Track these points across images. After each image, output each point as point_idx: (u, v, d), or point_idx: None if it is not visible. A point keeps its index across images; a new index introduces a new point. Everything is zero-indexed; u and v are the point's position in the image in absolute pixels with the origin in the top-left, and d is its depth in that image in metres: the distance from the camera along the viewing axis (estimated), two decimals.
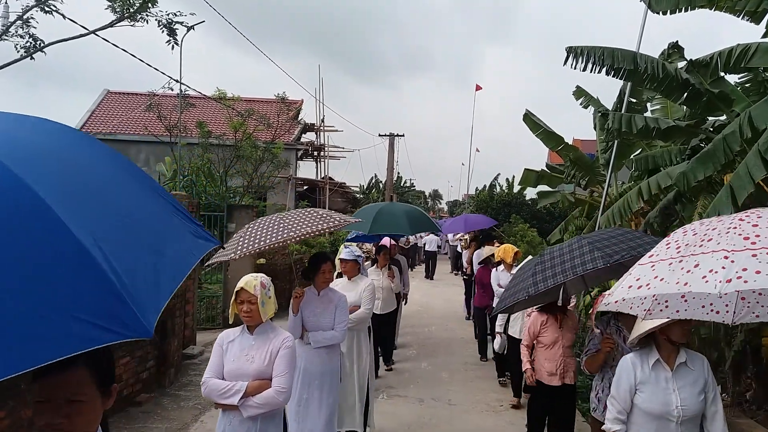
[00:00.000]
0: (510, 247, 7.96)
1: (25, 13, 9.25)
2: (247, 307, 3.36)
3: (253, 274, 3.47)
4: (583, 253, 3.78)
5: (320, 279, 4.74)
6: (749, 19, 5.68)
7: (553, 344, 4.75)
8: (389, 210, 8.16)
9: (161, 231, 1.67)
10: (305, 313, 4.71)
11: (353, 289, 5.63)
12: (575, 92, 10.27)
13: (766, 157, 4.22)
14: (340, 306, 4.75)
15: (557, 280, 3.72)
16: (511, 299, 4.20)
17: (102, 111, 24.42)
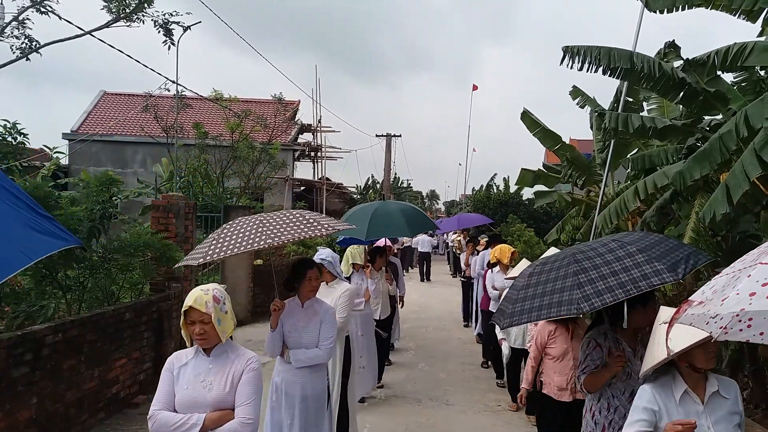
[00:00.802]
0: (506, 248, 7.68)
1: (20, 14, 9.24)
2: (200, 328, 2.81)
3: (203, 286, 2.91)
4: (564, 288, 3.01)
5: (305, 288, 4.20)
6: (745, 17, 5.69)
7: (563, 356, 4.39)
8: (385, 210, 7.55)
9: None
10: (286, 327, 4.18)
11: (329, 295, 5.17)
12: (572, 92, 10.29)
13: (762, 156, 4.23)
14: (327, 320, 4.22)
15: (529, 318, 3.13)
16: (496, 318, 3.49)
17: (98, 112, 24.38)
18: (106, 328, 6.17)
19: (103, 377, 6.08)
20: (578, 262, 3.06)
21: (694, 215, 5.73)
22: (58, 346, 5.31)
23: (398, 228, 7.55)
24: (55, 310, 6.46)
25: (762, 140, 4.28)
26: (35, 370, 4.98)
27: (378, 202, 7.91)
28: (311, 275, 4.23)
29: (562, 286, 2.99)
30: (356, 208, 8.14)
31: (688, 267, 2.91)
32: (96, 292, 7.03)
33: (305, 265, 4.28)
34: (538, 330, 4.58)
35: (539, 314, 3.03)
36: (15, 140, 7.89)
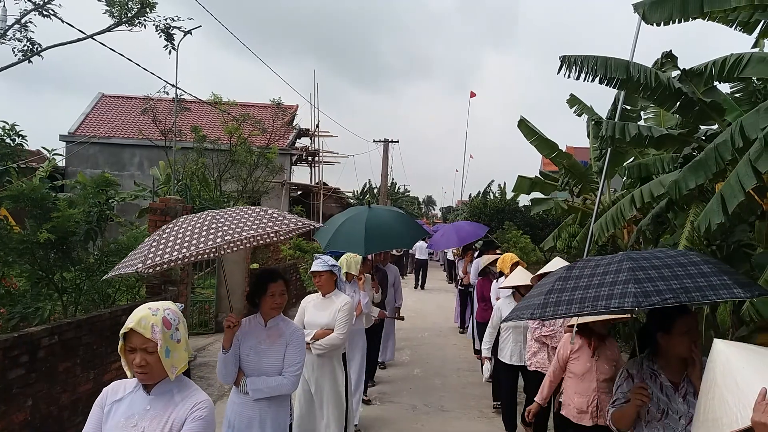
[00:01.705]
0: (509, 257, 7.21)
1: (23, 17, 9.25)
2: (141, 358, 2.19)
3: (152, 304, 2.31)
4: (615, 282, 2.62)
5: (267, 304, 3.58)
6: (741, 29, 5.75)
7: (585, 375, 4.04)
8: (378, 220, 6.77)
9: None
10: (244, 349, 3.52)
11: (327, 307, 4.81)
12: (569, 100, 10.33)
13: (757, 166, 4.25)
14: (294, 342, 3.56)
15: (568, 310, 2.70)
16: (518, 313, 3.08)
17: (96, 114, 24.37)
18: (102, 331, 6.17)
19: (98, 380, 6.07)
20: (634, 260, 2.67)
21: (689, 224, 5.75)
22: (54, 348, 5.31)
23: (397, 238, 6.90)
24: (51, 312, 6.47)
25: (757, 151, 4.30)
26: (31, 372, 4.97)
27: (365, 208, 7.07)
28: (274, 290, 3.58)
29: (614, 279, 2.58)
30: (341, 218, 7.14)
31: (755, 290, 2.48)
32: (92, 294, 7.03)
33: (267, 277, 3.63)
34: (563, 343, 4.22)
35: (581, 306, 2.56)
36: (13, 142, 7.89)
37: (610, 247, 9.44)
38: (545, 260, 14.34)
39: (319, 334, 4.73)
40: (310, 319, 4.87)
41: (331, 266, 4.83)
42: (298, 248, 16.75)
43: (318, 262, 4.87)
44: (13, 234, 6.87)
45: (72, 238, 6.62)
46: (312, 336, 4.68)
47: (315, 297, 5.02)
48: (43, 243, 6.15)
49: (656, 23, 5.42)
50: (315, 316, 4.85)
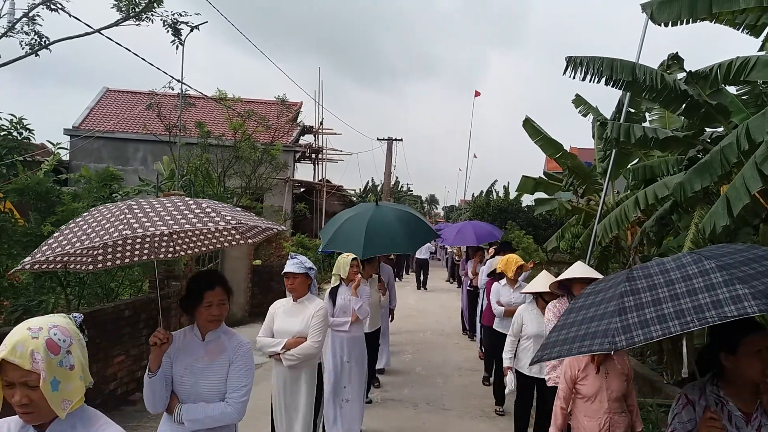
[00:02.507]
0: (513, 258, 6.86)
1: (31, 11, 9.27)
2: (23, 395, 1.69)
3: (34, 321, 1.78)
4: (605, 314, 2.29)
5: (203, 316, 2.99)
6: (749, 32, 5.74)
7: (595, 396, 3.67)
8: (381, 220, 6.36)
9: None
10: (177, 369, 2.95)
11: (300, 313, 4.40)
12: (574, 100, 10.32)
13: (763, 169, 4.25)
14: (239, 360, 2.98)
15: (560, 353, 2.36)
16: (562, 348, 2.41)
17: (101, 109, 24.40)
18: (105, 325, 6.19)
19: (101, 373, 6.09)
20: (632, 280, 2.36)
21: (693, 227, 5.74)
22: None
23: (398, 242, 6.44)
24: (54, 305, 6.49)
25: (763, 154, 4.30)
26: None
27: (372, 206, 6.71)
28: (211, 300, 2.98)
29: (604, 311, 2.31)
30: (346, 215, 6.78)
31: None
32: (95, 288, 7.06)
33: (202, 283, 3.01)
34: (567, 363, 3.87)
35: (570, 349, 2.31)
36: (20, 135, 7.92)
37: (614, 248, 9.43)
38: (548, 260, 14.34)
39: (291, 343, 4.31)
40: (281, 326, 4.44)
41: (308, 269, 4.44)
42: (300, 245, 16.77)
43: (293, 263, 4.44)
44: (17, 227, 6.89)
45: None
46: (282, 345, 4.31)
47: (285, 302, 4.59)
48: (47, 236, 6.16)
49: (664, 23, 5.41)
50: (286, 323, 4.42)
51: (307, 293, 4.50)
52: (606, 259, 9.49)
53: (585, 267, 4.60)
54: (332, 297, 5.90)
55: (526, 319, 5.50)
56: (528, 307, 5.61)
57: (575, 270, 4.52)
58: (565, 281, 4.52)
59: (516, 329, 5.58)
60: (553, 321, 4.49)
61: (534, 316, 5.44)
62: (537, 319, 5.39)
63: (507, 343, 5.69)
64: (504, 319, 6.73)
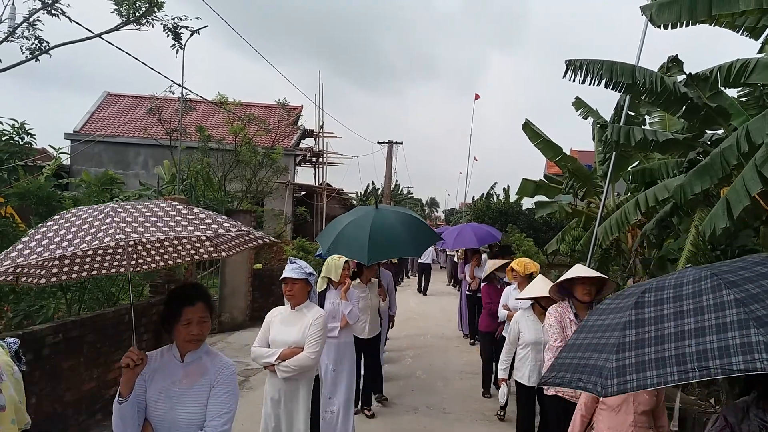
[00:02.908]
0: (525, 262, 6.59)
1: (31, 16, 9.29)
2: None
3: None
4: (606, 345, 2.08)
5: (181, 335, 2.71)
6: (748, 34, 5.75)
7: (620, 407, 3.39)
8: (383, 223, 6.11)
9: None
10: (152, 393, 2.65)
11: (297, 322, 4.17)
12: (575, 103, 10.34)
13: (763, 171, 4.26)
14: (222, 383, 2.68)
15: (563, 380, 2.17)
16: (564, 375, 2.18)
17: (101, 113, 24.44)
18: (105, 329, 6.19)
19: (102, 378, 6.09)
20: (640, 306, 2.09)
21: (693, 229, 5.75)
22: (58, 347, 5.33)
23: (403, 245, 6.18)
24: (55, 310, 6.49)
25: (763, 156, 4.31)
26: (35, 370, 4.99)
27: (371, 209, 6.50)
28: (190, 317, 2.68)
29: (606, 341, 2.08)
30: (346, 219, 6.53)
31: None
32: (96, 292, 7.05)
33: (181, 299, 2.71)
34: None
35: (570, 379, 2.11)
36: (22, 140, 7.93)
37: (614, 251, 9.43)
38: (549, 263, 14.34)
39: (287, 354, 4.07)
40: (277, 336, 4.22)
41: (308, 274, 4.20)
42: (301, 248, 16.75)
43: (293, 268, 4.20)
44: (18, 232, 6.90)
45: None
46: (278, 356, 4.08)
47: (282, 310, 4.35)
48: None
49: (663, 26, 5.42)
50: (282, 332, 4.20)
51: (306, 300, 4.26)
52: (606, 262, 9.50)
53: (584, 268, 4.53)
54: (320, 302, 5.63)
55: (522, 326, 5.36)
56: (524, 313, 5.42)
57: (574, 270, 4.44)
58: (566, 284, 4.39)
59: (513, 337, 5.43)
60: (555, 326, 4.36)
61: (531, 323, 5.30)
62: (534, 326, 5.24)
63: (503, 351, 5.56)
64: (507, 322, 6.57)
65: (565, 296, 4.49)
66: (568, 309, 4.40)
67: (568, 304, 4.43)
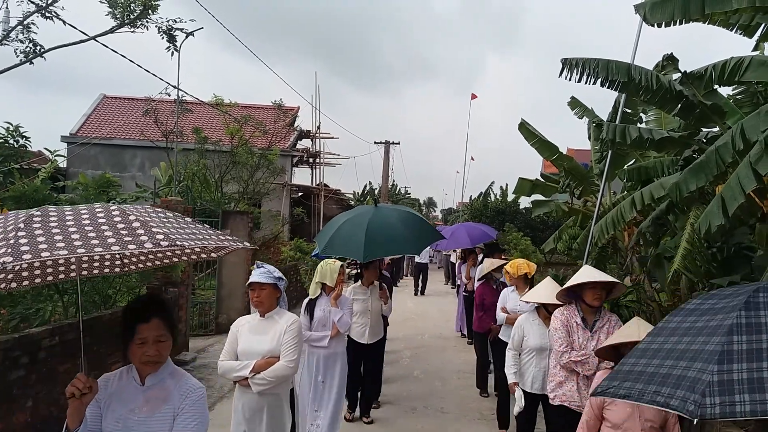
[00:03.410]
0: (517, 264, 6.37)
1: (25, 19, 9.26)
2: None
3: None
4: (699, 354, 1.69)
5: (136, 356, 2.36)
6: (742, 32, 5.75)
7: (625, 424, 3.13)
8: (382, 221, 5.91)
9: None
10: (109, 421, 2.34)
11: (269, 330, 3.81)
12: (570, 102, 10.33)
13: (757, 169, 4.26)
14: (189, 410, 2.36)
15: (629, 391, 1.81)
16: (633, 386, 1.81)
17: (98, 115, 24.41)
18: (102, 332, 6.18)
19: None
20: (753, 307, 1.71)
21: (689, 226, 5.75)
22: (54, 349, 5.32)
23: (401, 243, 5.96)
24: (52, 313, 6.47)
25: (758, 153, 4.31)
26: (31, 373, 4.99)
27: (371, 207, 6.36)
28: (145, 335, 2.33)
29: (701, 346, 1.70)
30: (343, 218, 6.39)
31: None
32: (93, 295, 7.03)
33: (135, 314, 2.37)
34: (597, 380, 3.29)
35: (641, 391, 1.74)
36: (17, 143, 7.91)
37: (611, 249, 9.44)
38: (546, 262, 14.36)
39: (261, 365, 3.69)
40: (246, 346, 3.81)
41: (276, 279, 3.88)
42: (298, 249, 16.76)
43: (260, 272, 3.86)
44: None
45: None
46: (251, 368, 3.69)
47: (250, 319, 3.98)
48: None
49: (657, 24, 5.43)
50: (253, 342, 3.81)
51: (276, 307, 3.92)
52: (603, 260, 9.50)
53: (593, 270, 4.32)
54: (309, 309, 5.45)
55: (527, 330, 5.02)
56: (529, 317, 5.10)
57: (583, 274, 4.21)
58: (574, 287, 4.17)
59: (516, 342, 5.09)
60: (561, 331, 4.17)
61: (536, 328, 4.99)
62: (539, 331, 4.96)
63: (508, 357, 5.17)
64: (507, 327, 6.26)
65: (572, 299, 4.31)
66: (575, 312, 4.24)
67: (575, 308, 4.26)
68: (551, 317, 4.41)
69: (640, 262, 8.18)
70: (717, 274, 6.10)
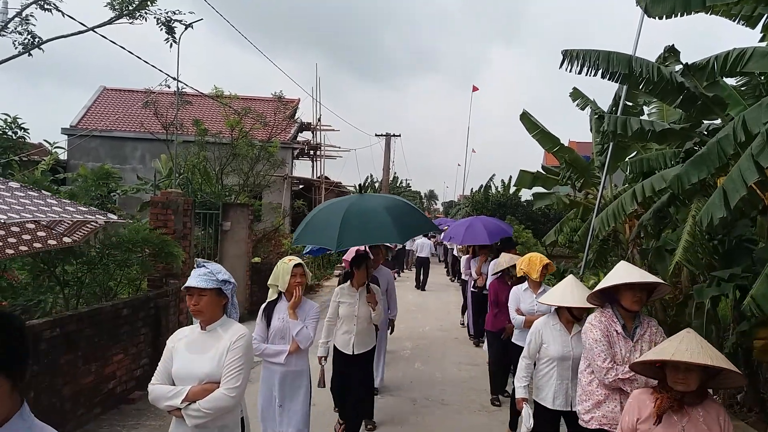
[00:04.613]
0: (537, 258, 5.77)
1: (22, 11, 9.22)
2: None
3: None
4: None
5: None
6: (744, 23, 5.73)
7: None
8: (362, 207, 5.19)
9: None
10: None
11: (210, 346, 3.04)
12: (572, 93, 10.31)
13: (759, 161, 4.25)
14: None
15: None
16: None
17: (98, 107, 24.37)
18: (103, 324, 6.19)
19: (100, 372, 6.09)
20: None
21: (690, 219, 5.75)
22: (56, 341, 5.33)
23: (381, 231, 5.03)
24: (53, 305, 6.49)
25: (759, 145, 4.30)
26: (33, 365, 4.99)
27: (355, 195, 5.69)
28: None
29: None
30: (324, 204, 5.85)
31: None
32: (94, 287, 7.04)
33: None
34: (632, 402, 2.92)
35: None
36: (15, 135, 7.90)
37: (612, 241, 9.44)
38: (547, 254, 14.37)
39: (196, 393, 2.92)
40: (182, 367, 3.02)
41: (221, 282, 3.10)
42: None
43: (199, 274, 3.08)
44: None
45: None
46: (184, 396, 2.93)
47: (189, 331, 3.19)
48: None
49: (658, 17, 5.41)
50: (189, 362, 3.03)
51: (222, 316, 3.16)
52: (604, 253, 9.51)
53: (632, 268, 3.65)
54: (267, 315, 4.58)
55: (546, 336, 4.33)
56: (549, 320, 4.41)
57: (620, 273, 3.59)
58: (611, 288, 3.58)
59: (533, 349, 4.41)
60: (602, 342, 3.52)
61: (557, 334, 4.30)
62: (561, 337, 4.28)
63: (520, 367, 4.48)
64: (524, 330, 5.62)
65: (606, 302, 3.72)
66: (614, 319, 3.61)
67: (613, 313, 3.64)
68: (585, 323, 3.73)
69: (641, 255, 8.18)
70: (718, 266, 6.10)
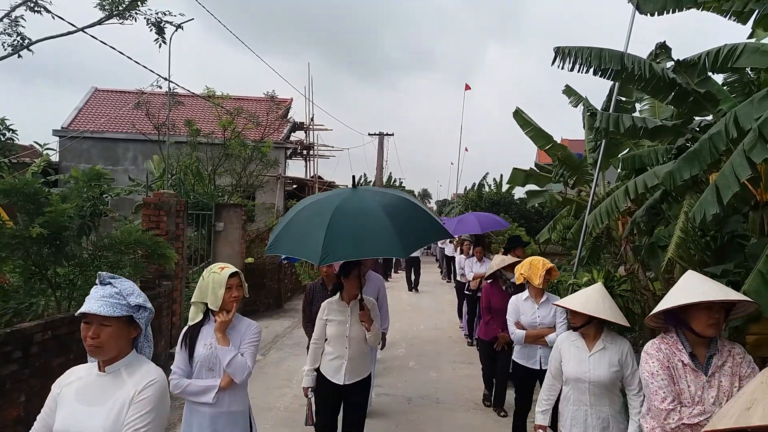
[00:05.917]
0: (539, 261, 5.27)
1: (9, 12, 9.13)
2: None
3: None
4: None
5: None
6: (736, 19, 5.73)
7: None
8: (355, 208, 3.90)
9: None
10: None
11: (108, 396, 2.31)
12: (565, 91, 10.31)
13: (751, 157, 4.25)
14: None
15: None
16: None
17: (89, 108, 24.24)
18: None
19: None
20: None
21: (683, 215, 5.75)
22: (47, 344, 5.29)
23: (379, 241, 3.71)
24: (45, 307, 6.43)
25: (751, 141, 4.30)
26: (24, 368, 4.95)
27: (346, 190, 4.29)
28: None
29: None
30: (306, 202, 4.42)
31: None
32: (86, 289, 6.98)
33: None
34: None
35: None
36: (3, 136, 7.83)
37: (605, 239, 9.45)
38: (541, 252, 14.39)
39: None
40: (67, 423, 2.29)
41: (132, 308, 2.37)
42: None
43: (101, 296, 2.39)
44: (5, 229, 6.82)
45: (65, 233, 6.58)
46: None
47: (83, 372, 2.47)
48: (36, 238, 6.11)
49: (650, 13, 5.41)
50: (77, 415, 2.29)
51: (130, 352, 2.41)
52: (597, 250, 9.52)
53: (706, 281, 2.83)
54: (189, 342, 3.59)
55: (564, 353, 3.80)
56: (570, 336, 3.86)
57: (694, 288, 2.76)
58: (677, 309, 2.77)
59: (554, 368, 3.87)
60: (661, 375, 2.77)
61: (575, 351, 3.75)
62: (578, 355, 3.72)
63: (544, 388, 3.97)
64: (525, 346, 5.21)
65: (668, 323, 2.92)
66: (679, 347, 2.84)
67: (677, 338, 2.86)
68: (642, 353, 2.93)
69: (634, 252, 8.19)
70: (711, 262, 6.11)
